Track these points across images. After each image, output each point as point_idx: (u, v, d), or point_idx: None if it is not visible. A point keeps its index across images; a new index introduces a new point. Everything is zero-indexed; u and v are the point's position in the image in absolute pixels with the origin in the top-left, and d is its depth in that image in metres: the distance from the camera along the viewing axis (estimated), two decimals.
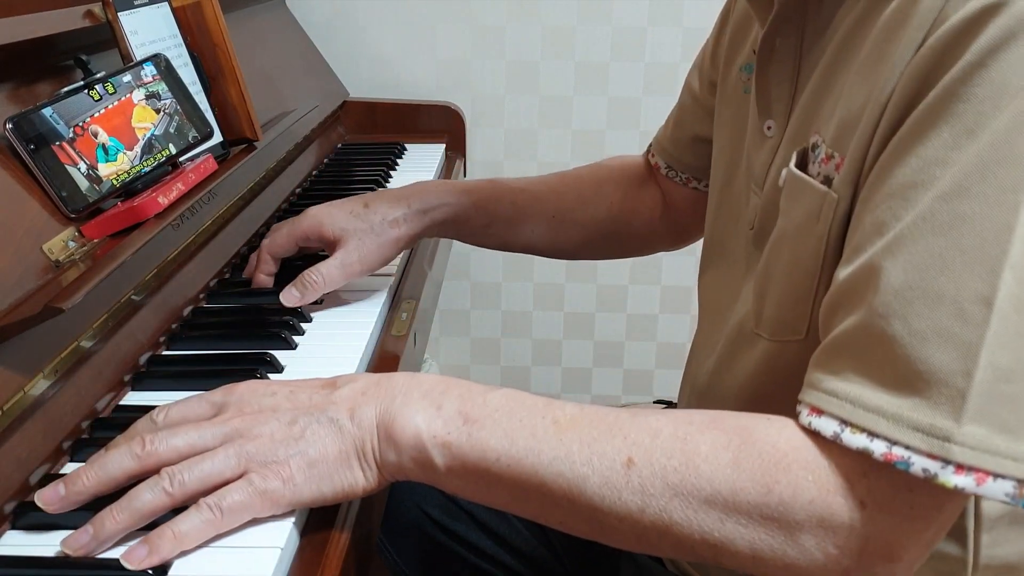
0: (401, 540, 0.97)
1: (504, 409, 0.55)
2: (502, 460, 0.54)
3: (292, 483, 0.54)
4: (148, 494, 0.53)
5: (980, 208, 0.46)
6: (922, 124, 0.49)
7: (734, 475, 0.50)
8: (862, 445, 0.48)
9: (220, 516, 0.53)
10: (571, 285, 1.82)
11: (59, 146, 0.72)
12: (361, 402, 0.57)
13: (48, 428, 0.63)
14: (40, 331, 0.63)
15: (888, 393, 0.48)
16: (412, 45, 1.68)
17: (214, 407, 0.59)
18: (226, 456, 0.54)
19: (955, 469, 0.46)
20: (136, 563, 0.51)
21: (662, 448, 0.51)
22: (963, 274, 0.46)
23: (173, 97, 0.88)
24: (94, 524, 0.53)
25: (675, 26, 1.65)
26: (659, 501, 0.51)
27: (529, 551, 0.94)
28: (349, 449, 0.55)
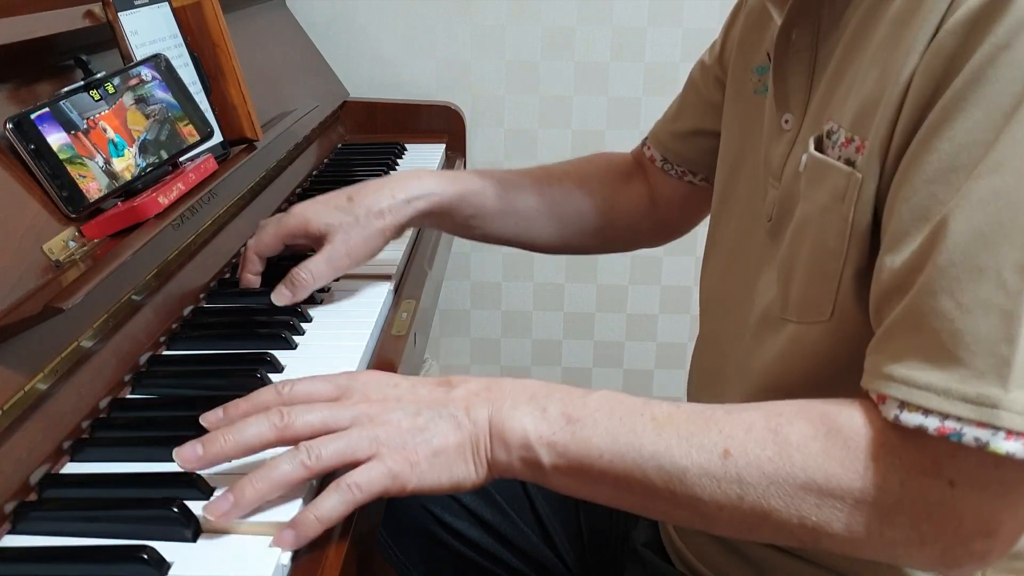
0: (404, 538, 0.97)
1: (604, 409, 0.58)
2: (605, 456, 0.57)
3: (418, 468, 0.58)
4: (288, 465, 0.57)
5: (1014, 181, 0.48)
6: (952, 109, 0.50)
7: (826, 462, 0.52)
8: (918, 423, 0.49)
9: (358, 494, 0.56)
10: (571, 285, 1.82)
11: (75, 135, 0.72)
12: (475, 402, 0.60)
13: (48, 428, 0.63)
14: (40, 331, 0.63)
15: (938, 369, 0.49)
16: (412, 45, 1.68)
17: (338, 389, 0.62)
18: (359, 437, 0.58)
19: (1005, 435, 0.47)
20: (286, 545, 0.55)
21: (756, 439, 0.54)
22: (1002, 246, 0.48)
23: (162, 103, 0.88)
24: (234, 492, 0.56)
25: (675, 26, 1.65)
26: (757, 489, 0.53)
27: (532, 550, 0.94)
28: (466, 443, 0.59)
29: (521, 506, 0.95)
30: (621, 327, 1.85)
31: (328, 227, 0.88)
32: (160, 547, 0.53)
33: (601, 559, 0.94)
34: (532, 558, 0.95)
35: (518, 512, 0.94)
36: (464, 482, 0.59)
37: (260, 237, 0.91)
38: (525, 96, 1.70)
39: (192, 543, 0.55)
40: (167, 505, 0.56)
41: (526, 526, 0.94)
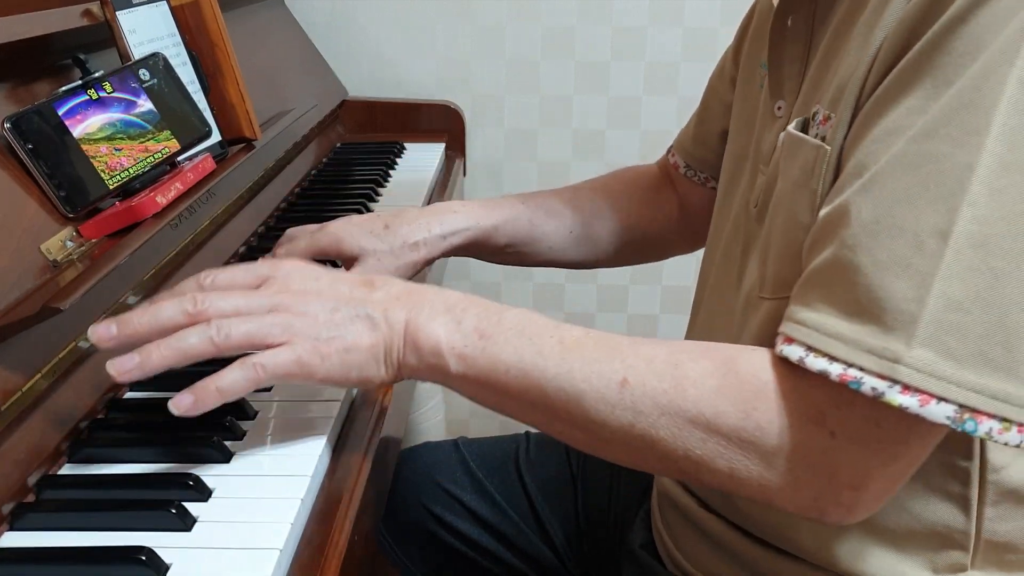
0: (404, 537, 0.97)
1: (516, 328, 0.60)
2: (511, 372, 0.59)
3: (328, 360, 0.60)
4: (195, 338, 0.58)
5: (946, 148, 0.49)
6: (906, 75, 0.52)
7: (717, 399, 0.54)
8: (821, 368, 0.51)
9: (262, 373, 0.58)
10: (571, 285, 1.82)
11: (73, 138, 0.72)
12: (394, 306, 0.62)
13: (46, 428, 0.62)
14: (38, 331, 0.63)
15: (849, 320, 0.51)
16: (412, 45, 1.68)
17: (258, 279, 0.63)
18: (272, 323, 0.59)
19: (901, 389, 0.49)
20: (182, 410, 0.57)
21: (655, 372, 0.56)
22: (925, 209, 0.49)
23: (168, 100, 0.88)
24: (141, 353, 0.57)
25: (675, 26, 1.64)
26: (648, 418, 0.55)
27: (531, 549, 0.94)
28: (379, 344, 0.61)
29: (521, 506, 0.95)
30: (621, 327, 1.85)
31: (362, 251, 0.87)
32: (158, 548, 0.53)
33: (599, 558, 0.94)
34: (531, 557, 0.95)
35: (518, 512, 0.95)
36: (373, 379, 0.62)
37: (290, 249, 0.89)
38: (525, 96, 1.70)
39: (191, 544, 0.55)
40: (165, 506, 0.56)
41: (525, 525, 0.94)
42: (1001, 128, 0.48)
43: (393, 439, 0.77)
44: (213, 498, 0.59)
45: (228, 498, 0.59)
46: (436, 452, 1.00)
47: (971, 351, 0.49)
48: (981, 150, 0.48)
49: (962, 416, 0.49)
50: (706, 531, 0.72)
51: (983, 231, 0.49)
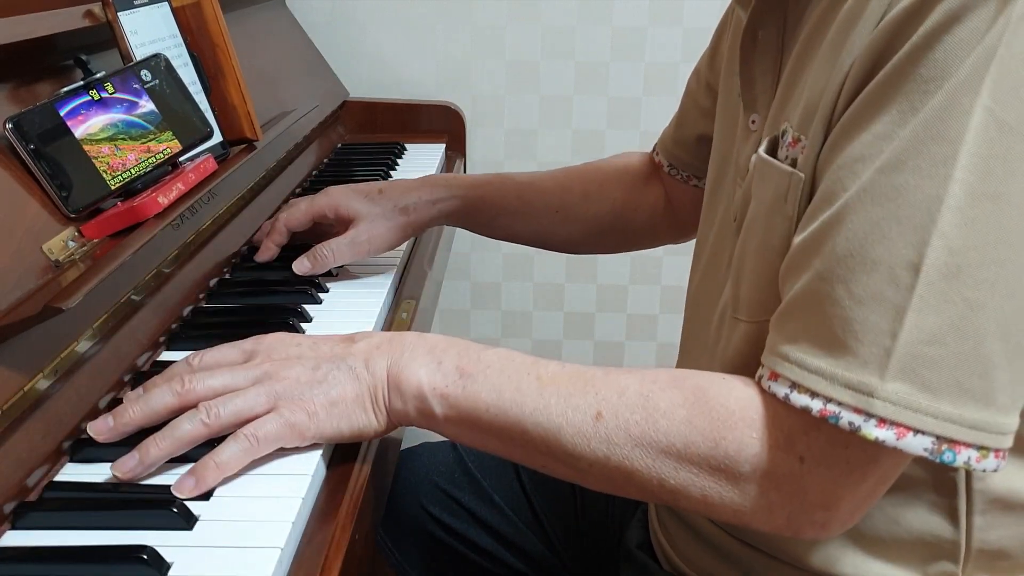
0: (403, 538, 0.97)
1: (496, 366, 0.61)
2: (491, 411, 0.60)
3: (316, 418, 0.61)
4: (188, 424, 0.60)
5: (914, 180, 0.49)
6: (873, 100, 0.52)
7: (687, 430, 0.56)
8: (804, 404, 0.52)
9: (256, 444, 0.60)
10: (571, 285, 1.82)
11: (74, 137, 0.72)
12: (375, 355, 0.64)
13: (48, 428, 0.63)
14: (40, 331, 0.63)
15: (828, 354, 0.52)
16: (412, 45, 1.68)
17: (244, 354, 0.66)
18: (257, 394, 0.61)
19: (877, 423, 0.50)
20: (186, 492, 0.58)
21: (626, 404, 0.57)
22: (897, 242, 0.50)
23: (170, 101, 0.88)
24: (140, 451, 0.59)
25: (675, 26, 1.64)
26: (623, 450, 0.57)
27: (530, 550, 0.94)
28: (364, 394, 0.62)
29: (520, 507, 0.95)
30: (621, 327, 1.85)
31: (356, 213, 0.94)
32: (160, 547, 0.53)
33: (597, 559, 0.94)
34: (531, 558, 0.95)
35: (517, 513, 0.95)
36: (365, 429, 0.63)
37: (291, 212, 0.97)
38: (525, 96, 1.70)
39: (192, 543, 0.55)
40: (167, 505, 0.56)
41: (525, 526, 0.94)
42: (969, 158, 0.48)
43: (393, 439, 0.77)
44: (214, 497, 0.59)
45: (229, 497, 0.59)
46: (435, 453, 1.00)
47: (947, 382, 0.49)
48: (949, 181, 0.49)
49: (940, 447, 0.50)
50: (702, 533, 0.72)
51: (955, 261, 0.49)
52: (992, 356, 0.49)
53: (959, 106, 0.49)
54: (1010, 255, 0.49)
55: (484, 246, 1.78)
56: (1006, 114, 0.48)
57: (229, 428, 0.60)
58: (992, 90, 0.48)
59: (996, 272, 0.49)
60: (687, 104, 0.95)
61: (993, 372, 0.50)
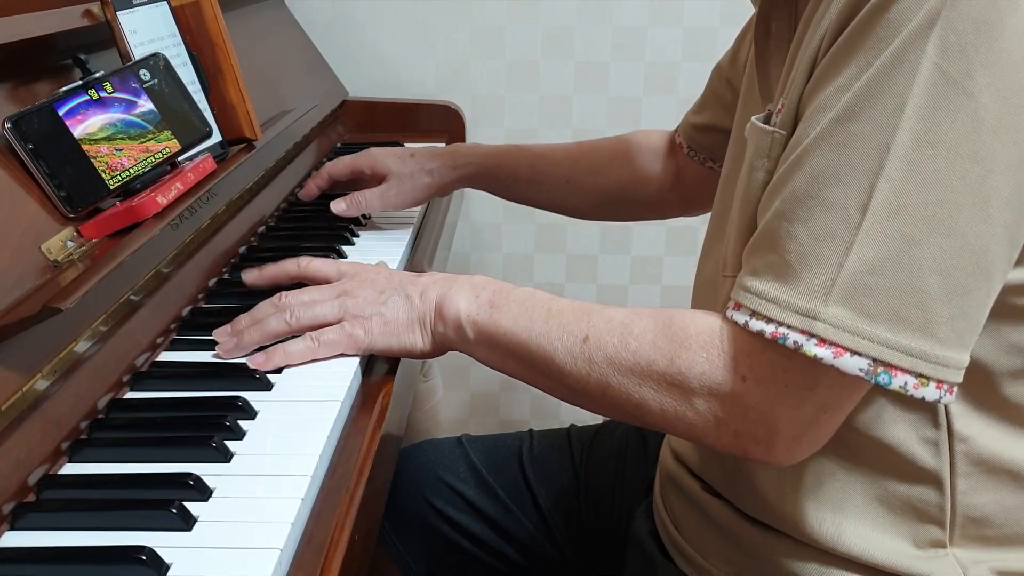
0: (406, 531, 0.98)
1: (519, 302, 0.71)
2: (507, 335, 0.70)
3: (371, 333, 0.75)
4: (274, 321, 0.75)
5: (866, 129, 0.54)
6: (837, 57, 0.57)
7: (651, 351, 0.63)
8: (759, 328, 0.57)
9: (318, 346, 0.74)
10: (571, 285, 1.82)
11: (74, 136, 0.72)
12: (431, 287, 0.75)
13: (47, 428, 0.62)
14: (39, 331, 0.63)
15: (784, 284, 0.57)
16: (412, 45, 1.68)
17: (339, 273, 0.80)
18: (332, 306, 0.76)
19: (817, 342, 0.55)
20: (257, 364, 0.74)
21: (609, 330, 0.65)
22: (850, 184, 0.55)
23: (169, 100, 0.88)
24: (238, 336, 0.76)
25: (675, 26, 1.64)
26: (600, 368, 0.65)
27: (533, 544, 0.95)
28: (415, 318, 0.75)
29: (523, 500, 0.95)
30: None
31: (388, 170, 1.10)
32: (159, 547, 0.53)
33: (602, 552, 0.94)
34: (533, 551, 0.95)
35: (520, 506, 0.95)
36: (412, 348, 0.75)
37: (336, 162, 1.14)
38: (525, 96, 1.70)
39: (191, 544, 0.55)
40: (166, 506, 0.56)
41: (528, 520, 0.95)
42: (915, 109, 0.53)
43: (393, 438, 0.77)
44: (213, 498, 0.59)
45: (228, 498, 0.59)
46: (440, 448, 1.00)
47: (885, 310, 0.54)
48: (897, 130, 0.53)
49: (876, 369, 0.54)
50: (708, 512, 0.73)
51: (898, 201, 0.53)
52: (929, 289, 0.54)
53: (908, 62, 0.53)
54: (948, 196, 0.53)
55: (484, 246, 1.78)
56: (951, 68, 0.52)
57: (305, 330, 0.75)
58: (938, 46, 0.52)
59: (934, 211, 0.53)
60: (708, 95, 1.02)
61: (930, 304, 0.54)
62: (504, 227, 1.76)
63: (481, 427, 1.89)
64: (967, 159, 0.53)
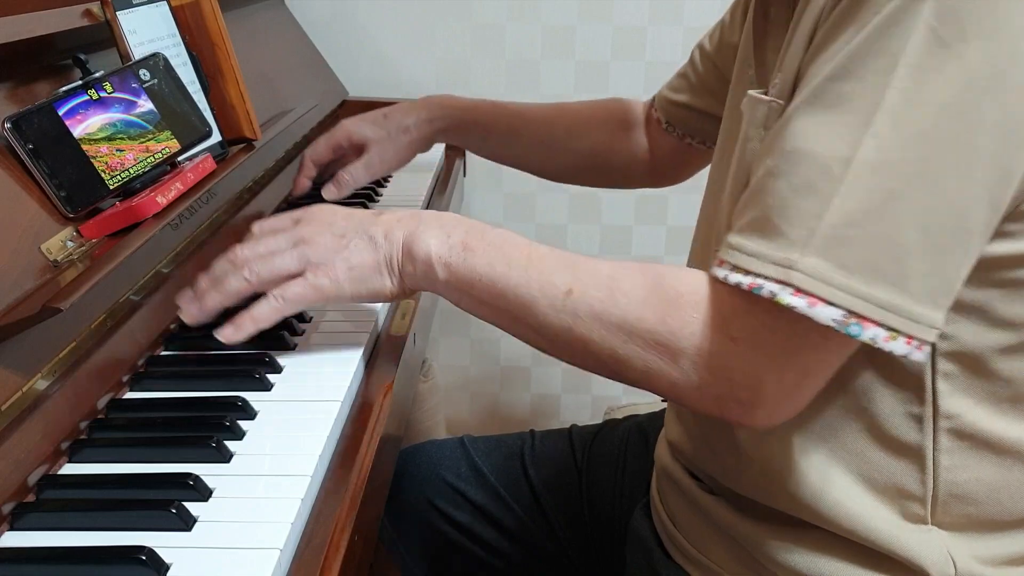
0: (408, 531, 0.98)
1: (496, 244, 0.68)
2: (483, 280, 0.67)
3: (337, 281, 0.71)
4: (234, 280, 0.72)
5: (856, 87, 0.55)
6: (834, 26, 0.58)
7: (640, 307, 0.61)
8: (737, 281, 0.57)
9: (284, 303, 0.71)
10: None
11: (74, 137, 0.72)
12: (395, 226, 0.72)
13: (46, 428, 0.62)
14: (38, 331, 0.63)
15: (764, 238, 0.57)
16: (412, 44, 1.68)
17: (293, 220, 0.75)
18: (291, 256, 0.71)
19: (793, 292, 0.55)
20: (227, 337, 0.72)
21: (595, 284, 0.63)
22: (835, 140, 0.55)
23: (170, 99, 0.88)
24: (200, 299, 0.73)
25: (676, 25, 1.64)
26: (585, 323, 0.63)
27: (535, 542, 0.95)
28: (381, 259, 0.71)
29: (526, 500, 0.95)
30: None
31: (366, 139, 1.10)
32: (159, 548, 0.53)
33: (603, 550, 0.94)
34: (534, 550, 0.95)
35: (522, 506, 0.95)
36: (381, 291, 0.72)
37: (314, 147, 1.12)
38: (525, 96, 1.69)
39: (191, 544, 0.55)
40: (165, 506, 0.56)
41: (530, 520, 0.95)
42: (906, 68, 0.53)
43: (393, 438, 0.77)
44: (213, 498, 0.59)
45: (228, 498, 0.59)
46: (441, 448, 1.00)
47: (861, 262, 0.54)
48: (887, 88, 0.54)
49: (848, 320, 0.54)
50: (703, 508, 0.74)
51: (881, 157, 0.54)
52: (907, 244, 0.54)
53: (903, 23, 0.54)
54: (931, 153, 0.54)
55: None
56: (944, 31, 0.53)
57: (268, 286, 0.71)
58: (934, 9, 0.53)
59: (917, 168, 0.54)
60: (688, 74, 1.01)
61: (907, 259, 0.54)
62: (504, 226, 1.76)
63: (481, 427, 1.89)
64: (954, 118, 0.53)
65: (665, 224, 1.75)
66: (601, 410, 1.59)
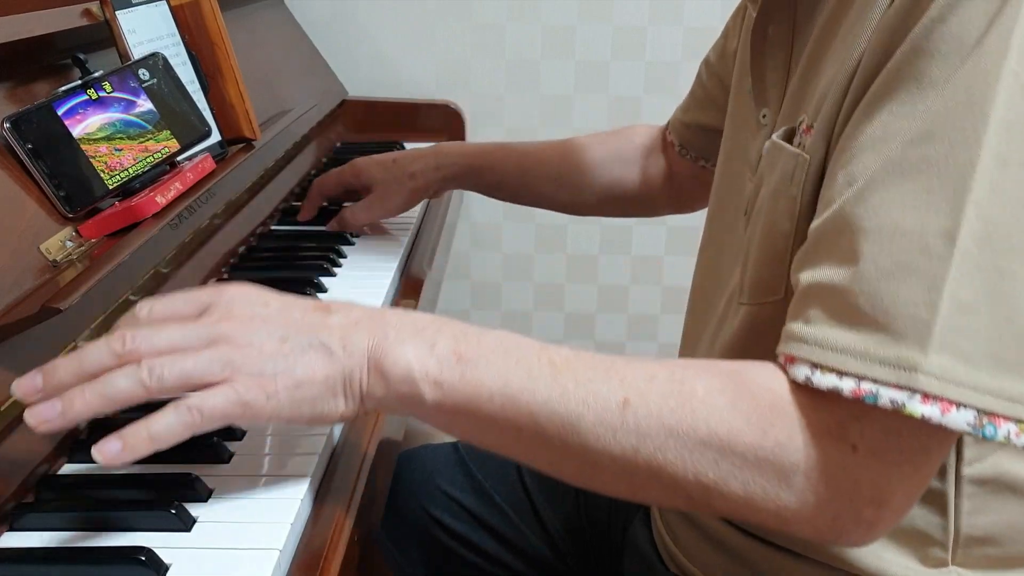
0: (404, 540, 0.97)
1: (499, 350, 0.55)
2: (495, 399, 0.53)
3: (276, 399, 0.54)
4: (123, 381, 0.52)
5: (944, 149, 0.48)
6: (890, 80, 0.51)
7: (731, 416, 0.51)
8: (831, 384, 0.49)
9: (199, 419, 0.52)
10: (571, 285, 1.82)
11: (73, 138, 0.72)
12: (353, 332, 0.56)
13: None
14: (38, 331, 0.63)
15: (855, 332, 0.49)
16: (412, 44, 1.68)
17: (200, 307, 0.57)
18: (210, 359, 0.53)
19: (921, 398, 0.47)
20: (108, 458, 0.50)
21: (658, 390, 0.52)
22: (928, 212, 0.48)
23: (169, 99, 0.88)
24: (63, 400, 0.52)
25: (675, 25, 1.64)
26: (655, 441, 0.51)
27: (532, 551, 0.94)
28: (336, 376, 0.55)
29: (522, 507, 0.95)
30: (621, 327, 1.85)
31: (373, 180, 1.09)
32: (158, 548, 0.53)
33: (600, 557, 0.94)
34: (531, 558, 0.95)
35: (519, 513, 0.94)
36: (329, 415, 0.56)
37: (323, 178, 1.12)
38: (525, 96, 1.70)
39: (190, 544, 0.55)
40: (165, 506, 0.56)
41: (527, 528, 0.94)
42: (999, 123, 0.48)
43: (392, 440, 0.77)
44: (213, 498, 0.59)
45: (228, 498, 0.59)
46: (435, 454, 0.99)
47: (984, 353, 0.48)
48: (980, 147, 0.48)
49: (981, 421, 0.48)
50: (705, 529, 0.72)
51: (986, 229, 0.48)
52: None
53: (987, 73, 0.48)
54: None
55: (484, 246, 1.78)
56: None
57: (170, 393, 0.53)
58: (1019, 55, 0.48)
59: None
60: (696, 92, 0.99)
61: None
62: (504, 226, 1.76)
63: None
64: None
65: (665, 223, 1.75)
66: None
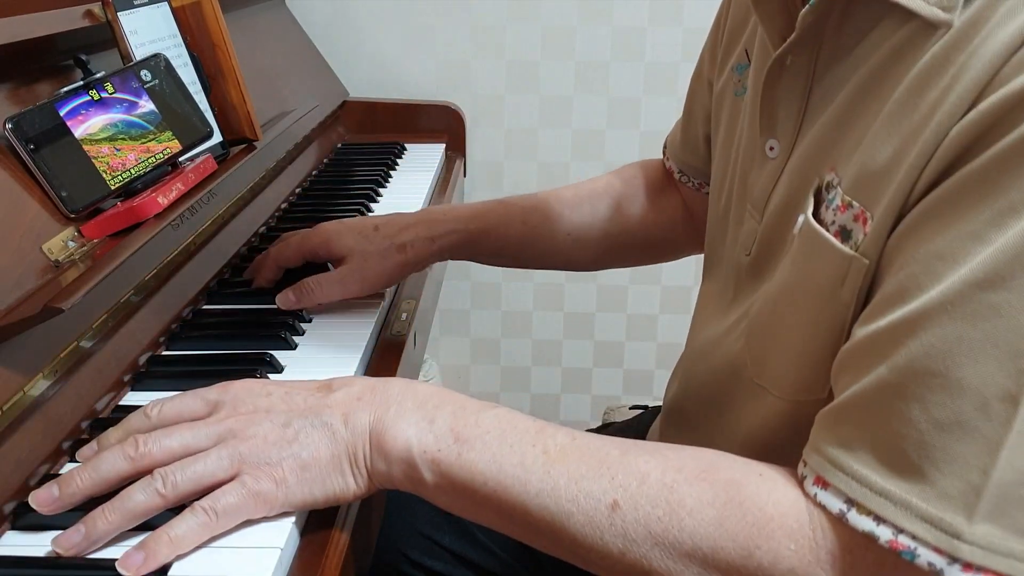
0: None
1: (495, 431, 0.55)
2: (489, 484, 0.54)
3: (285, 485, 0.55)
4: (141, 495, 0.54)
5: (1016, 299, 0.43)
6: (961, 193, 0.46)
7: (716, 533, 0.50)
8: (868, 529, 0.46)
9: (215, 519, 0.53)
10: (571, 285, 1.82)
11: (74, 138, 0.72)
12: (356, 408, 0.57)
13: (48, 428, 0.63)
14: (40, 331, 0.63)
15: (899, 477, 0.46)
16: (412, 45, 1.68)
17: (208, 405, 0.59)
18: (219, 457, 0.55)
19: (962, 567, 0.44)
20: (133, 570, 0.51)
21: (647, 495, 0.51)
22: (991, 368, 0.44)
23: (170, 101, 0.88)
24: (86, 523, 0.53)
25: (675, 26, 1.64)
26: (640, 547, 0.51)
27: None
28: (341, 454, 0.56)
29: (506, 541, 0.86)
30: (621, 327, 1.85)
31: (348, 251, 0.87)
32: None
33: None
34: None
35: (503, 547, 0.88)
36: (342, 494, 0.57)
37: (282, 248, 0.90)
38: (525, 96, 1.70)
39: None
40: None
41: (513, 559, 0.87)
42: None
43: None
44: None
45: None
46: (411, 496, 0.91)
47: None
48: None
49: None
50: None
51: None
52: None
53: None
54: None
55: None
56: None
57: (188, 497, 0.54)
58: None
59: None
60: (692, 106, 0.90)
61: None
62: None
63: None
64: None
65: None
66: (600, 410, 1.60)
